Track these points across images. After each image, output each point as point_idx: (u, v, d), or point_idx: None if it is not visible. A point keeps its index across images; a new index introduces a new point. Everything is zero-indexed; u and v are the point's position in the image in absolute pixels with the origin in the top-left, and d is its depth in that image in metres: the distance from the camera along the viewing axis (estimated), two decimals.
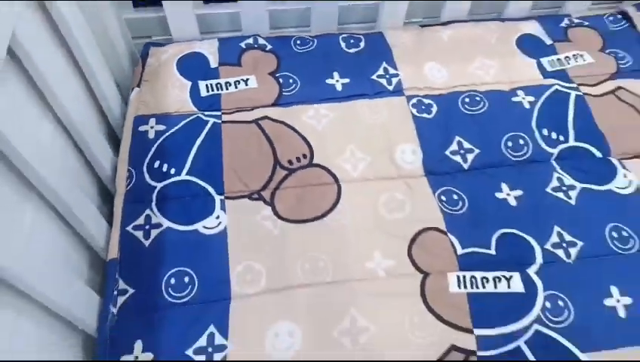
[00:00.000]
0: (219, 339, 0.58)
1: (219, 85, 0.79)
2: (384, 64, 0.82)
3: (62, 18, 0.59)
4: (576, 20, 0.92)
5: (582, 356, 0.58)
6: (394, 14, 0.89)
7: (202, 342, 0.58)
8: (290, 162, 0.72)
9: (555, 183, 0.71)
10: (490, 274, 0.63)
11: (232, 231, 0.65)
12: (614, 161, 0.73)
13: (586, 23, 0.91)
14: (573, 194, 0.70)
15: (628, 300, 0.61)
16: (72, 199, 0.55)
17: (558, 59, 0.84)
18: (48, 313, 0.50)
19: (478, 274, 0.62)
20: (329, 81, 0.80)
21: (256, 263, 0.63)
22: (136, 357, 0.57)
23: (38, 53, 0.52)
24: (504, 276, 0.63)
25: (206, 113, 0.76)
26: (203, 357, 0.57)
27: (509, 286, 0.62)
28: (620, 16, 0.92)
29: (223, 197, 0.68)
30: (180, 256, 0.63)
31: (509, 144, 0.74)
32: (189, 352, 0.57)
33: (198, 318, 0.59)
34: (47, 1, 0.57)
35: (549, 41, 0.87)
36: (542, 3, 0.96)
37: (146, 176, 0.70)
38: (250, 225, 0.66)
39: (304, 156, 0.72)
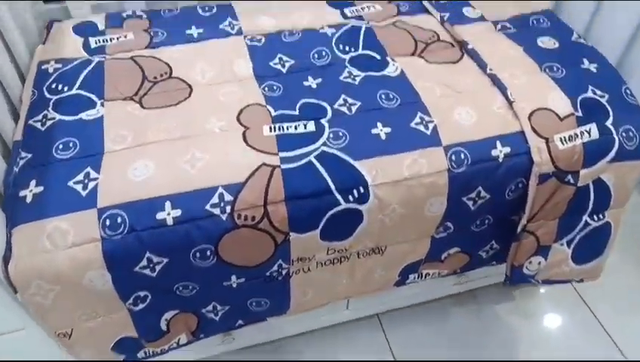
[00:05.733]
0: (93, 175, 0.81)
1: (105, 40, 1.06)
2: (229, 18, 1.13)
3: None
4: None
5: (355, 163, 0.85)
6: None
7: (80, 177, 0.80)
8: (155, 78, 0.98)
9: (345, 74, 1.00)
10: (292, 124, 0.89)
11: (107, 117, 0.90)
12: (388, 59, 1.04)
13: None
14: (357, 79, 0.99)
15: (388, 130, 0.89)
16: None
17: (356, 9, 1.17)
18: None
19: (285, 124, 0.89)
20: (188, 31, 1.09)
21: (124, 131, 0.87)
22: (31, 191, 0.79)
23: None
24: (303, 123, 0.90)
25: (94, 56, 1.03)
26: (80, 187, 0.79)
27: (305, 128, 0.89)
28: None
29: (102, 100, 0.93)
30: (68, 133, 0.87)
31: (315, 56, 1.04)
32: (70, 183, 0.80)
33: (78, 166, 0.82)
34: None
35: None
36: None
37: (46, 93, 0.94)
38: (122, 113, 0.91)
39: (165, 73, 0.99)
